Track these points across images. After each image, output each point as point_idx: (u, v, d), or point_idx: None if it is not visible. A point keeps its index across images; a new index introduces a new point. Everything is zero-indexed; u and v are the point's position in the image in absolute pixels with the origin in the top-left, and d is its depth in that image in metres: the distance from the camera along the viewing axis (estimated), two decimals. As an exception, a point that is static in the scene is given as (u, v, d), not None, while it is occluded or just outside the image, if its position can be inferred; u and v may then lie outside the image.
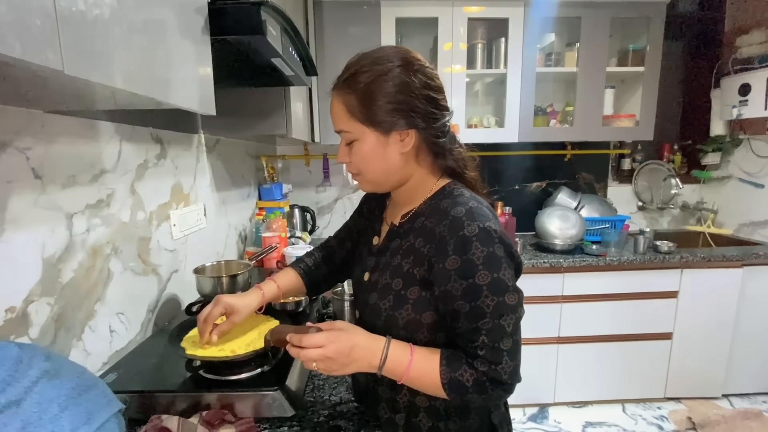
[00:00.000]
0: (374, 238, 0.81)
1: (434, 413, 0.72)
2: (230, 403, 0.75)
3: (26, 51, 0.33)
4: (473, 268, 0.61)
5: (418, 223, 0.71)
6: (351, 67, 0.68)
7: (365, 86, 0.65)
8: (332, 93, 0.70)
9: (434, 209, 0.69)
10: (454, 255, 0.62)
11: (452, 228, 0.63)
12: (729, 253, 2.05)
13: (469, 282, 0.61)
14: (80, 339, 0.81)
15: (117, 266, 0.93)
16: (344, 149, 0.72)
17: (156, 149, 1.11)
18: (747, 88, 2.19)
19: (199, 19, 0.68)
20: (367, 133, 0.67)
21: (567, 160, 2.56)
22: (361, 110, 0.66)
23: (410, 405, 0.73)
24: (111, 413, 0.43)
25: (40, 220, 0.72)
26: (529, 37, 2.08)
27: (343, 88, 0.68)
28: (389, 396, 0.74)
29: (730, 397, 2.21)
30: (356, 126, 0.67)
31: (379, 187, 0.75)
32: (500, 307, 0.61)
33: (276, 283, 0.87)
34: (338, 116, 0.69)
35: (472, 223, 0.62)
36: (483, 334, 0.61)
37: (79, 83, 0.45)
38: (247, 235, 1.89)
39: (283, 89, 1.39)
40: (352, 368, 0.65)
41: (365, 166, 0.70)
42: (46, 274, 0.73)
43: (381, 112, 0.65)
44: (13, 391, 0.36)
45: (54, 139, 0.75)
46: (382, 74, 0.65)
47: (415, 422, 0.72)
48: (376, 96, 0.65)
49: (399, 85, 0.65)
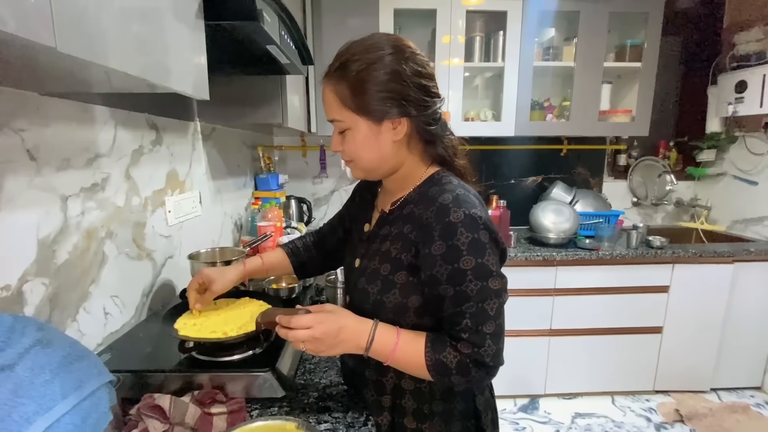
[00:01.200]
0: (365, 225, 0.82)
1: (419, 395, 0.74)
2: (222, 384, 0.77)
3: (20, 26, 0.34)
4: (458, 254, 0.62)
5: (407, 210, 0.72)
6: (342, 56, 0.67)
7: (356, 75, 0.65)
8: (324, 82, 0.70)
9: (422, 196, 0.71)
10: (440, 240, 0.63)
11: (439, 214, 0.64)
12: (720, 249, 2.08)
13: (454, 267, 0.63)
14: (74, 320, 0.82)
15: (112, 250, 0.94)
16: (337, 138, 0.72)
17: (151, 135, 1.11)
18: (743, 85, 2.21)
19: (193, 3, 0.69)
20: (360, 122, 0.67)
21: (563, 155, 2.57)
22: (353, 99, 0.66)
23: (396, 387, 0.75)
24: (101, 383, 0.44)
25: (35, 201, 0.73)
26: (527, 30, 2.08)
27: (335, 77, 0.67)
28: (376, 378, 0.76)
29: (719, 391, 2.25)
30: (348, 115, 0.67)
31: (371, 174, 0.75)
32: (484, 292, 0.63)
33: (261, 259, 0.92)
34: (330, 105, 0.69)
35: (458, 210, 0.63)
36: (467, 318, 0.63)
37: (71, 62, 0.46)
38: (243, 224, 1.90)
39: (279, 78, 1.40)
40: (339, 349, 0.67)
41: (358, 154, 0.71)
42: (41, 254, 0.74)
43: (373, 100, 0.65)
44: (6, 356, 0.37)
45: (49, 122, 0.76)
46: (374, 62, 0.65)
47: (401, 404, 0.75)
48: (367, 85, 0.65)
49: (391, 74, 0.65)
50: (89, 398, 0.40)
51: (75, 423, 0.38)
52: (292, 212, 2.27)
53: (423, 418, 0.74)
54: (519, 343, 2.10)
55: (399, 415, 0.75)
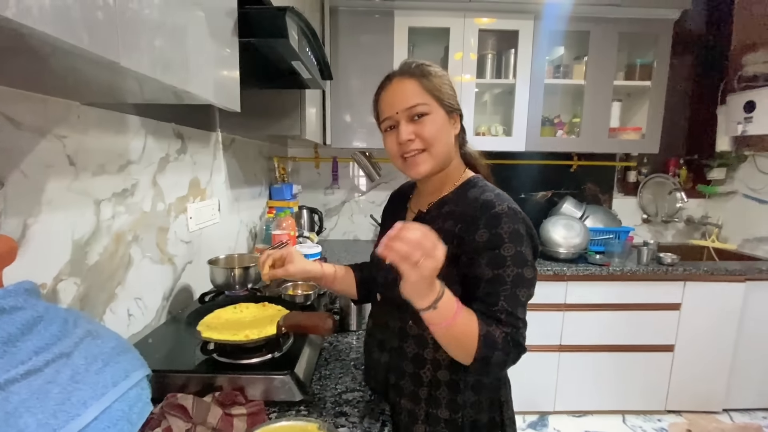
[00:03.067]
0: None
1: (454, 387, 0.78)
2: (242, 386, 0.79)
3: (92, 43, 0.38)
4: (500, 240, 0.69)
5: (446, 209, 0.79)
6: (417, 62, 0.79)
7: (434, 75, 0.78)
8: (399, 77, 0.78)
9: (461, 197, 0.79)
10: (484, 229, 0.70)
11: (484, 207, 0.72)
12: (732, 267, 2.07)
13: (495, 252, 0.69)
14: (102, 319, 0.85)
15: (137, 253, 0.97)
16: (408, 127, 0.77)
17: (177, 144, 1.16)
18: (752, 105, 2.22)
19: (229, 22, 0.73)
20: (438, 109, 0.77)
21: (573, 170, 2.59)
22: (435, 89, 0.77)
23: (433, 379, 0.79)
24: (144, 374, 0.47)
25: (72, 204, 0.77)
26: (538, 49, 2.13)
27: (417, 72, 0.77)
28: (413, 371, 0.80)
29: (731, 412, 2.21)
30: (430, 100, 0.77)
31: (438, 164, 0.79)
32: (518, 279, 0.68)
33: (334, 267, 0.95)
34: (413, 92, 0.76)
35: (501, 204, 0.72)
36: (502, 300, 0.68)
37: (125, 75, 0.49)
38: (257, 232, 1.93)
39: (299, 92, 1.45)
40: (426, 283, 0.60)
41: (436, 139, 0.76)
42: (75, 255, 0.77)
43: (445, 95, 0.78)
44: (63, 345, 0.40)
45: (88, 130, 0.80)
46: (438, 70, 0.79)
47: (436, 395, 0.79)
48: (442, 83, 0.78)
49: (448, 79, 0.80)
50: (135, 388, 0.42)
51: (123, 410, 0.40)
52: (304, 222, 2.30)
53: (456, 408, 0.78)
54: (529, 358, 2.06)
55: (434, 406, 0.79)
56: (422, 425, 0.79)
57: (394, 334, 0.82)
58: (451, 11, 2.08)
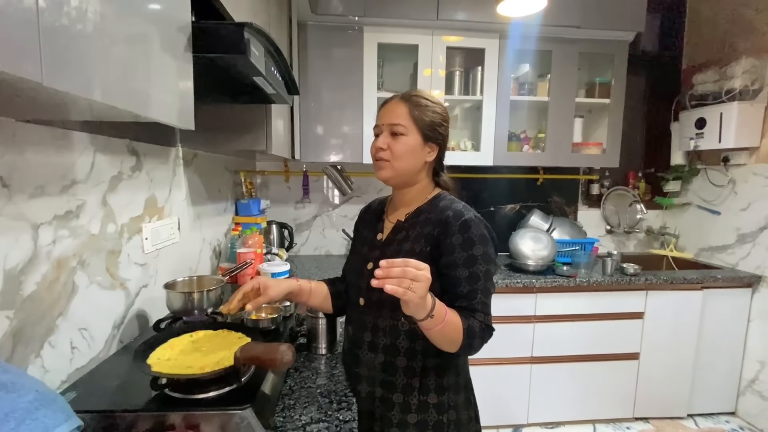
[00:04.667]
0: (378, 235, 0.99)
1: (440, 371, 0.91)
2: (196, 424, 0.73)
3: (5, 62, 0.34)
4: (472, 243, 0.85)
5: (422, 217, 0.93)
6: (416, 92, 0.94)
7: (425, 106, 0.92)
8: (396, 99, 0.93)
9: (434, 207, 0.93)
10: (458, 233, 0.86)
11: (455, 215, 0.87)
12: (690, 276, 2.16)
13: (469, 253, 0.85)
14: (38, 355, 0.78)
15: (83, 279, 0.90)
16: (386, 139, 0.92)
17: (131, 161, 1.10)
18: (703, 122, 2.36)
19: (182, 37, 0.69)
20: (415, 134, 0.91)
21: (539, 184, 2.66)
22: (418, 117, 0.91)
23: (424, 368, 0.90)
24: (70, 428, 0.41)
25: (4, 230, 0.70)
26: (504, 66, 2.19)
27: (409, 99, 0.92)
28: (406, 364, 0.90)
29: (696, 417, 2.28)
30: (411, 125, 0.91)
31: (397, 177, 0.93)
32: (488, 274, 0.86)
33: (309, 282, 1.01)
34: (399, 113, 0.91)
35: (468, 213, 0.88)
36: (479, 293, 0.84)
37: (56, 95, 0.45)
38: (222, 250, 1.85)
39: (265, 106, 1.41)
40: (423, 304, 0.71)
41: (402, 156, 0.91)
42: (7, 286, 0.70)
43: (427, 125, 0.91)
44: (-33, 404, 0.34)
45: (25, 149, 0.74)
46: (434, 107, 0.94)
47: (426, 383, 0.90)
48: (428, 115, 0.92)
49: (440, 115, 0.94)
50: (55, 447, 0.37)
51: (39, 476, 0.35)
52: (273, 238, 2.24)
53: (442, 390, 0.91)
54: (501, 371, 2.10)
55: (425, 393, 0.90)
56: (414, 414, 0.89)
57: (386, 332, 0.92)
58: (419, 29, 2.11)
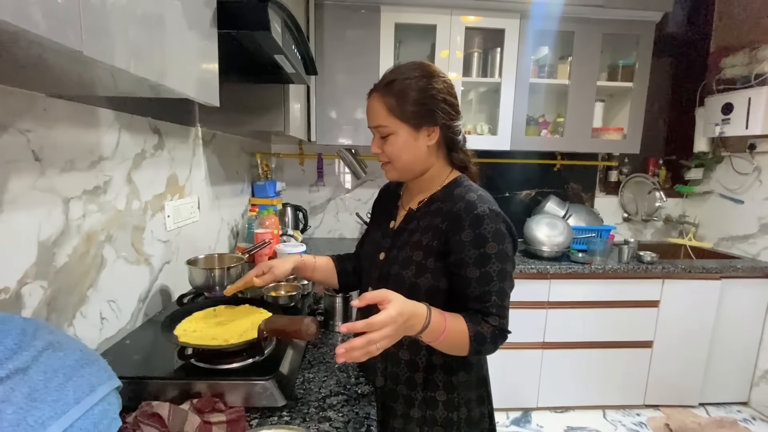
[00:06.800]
0: (390, 223, 0.92)
1: (448, 369, 0.84)
2: (221, 392, 0.76)
3: (50, 29, 0.35)
4: (484, 240, 0.75)
5: (434, 206, 0.84)
6: (389, 76, 0.81)
7: (402, 90, 0.79)
8: (372, 95, 0.83)
9: (448, 195, 0.83)
10: (469, 229, 0.76)
11: (467, 208, 0.77)
12: (708, 265, 2.12)
13: (480, 251, 0.75)
14: (71, 324, 0.81)
15: (110, 254, 0.93)
16: (378, 142, 0.84)
17: (154, 140, 1.11)
18: (729, 108, 2.28)
19: (208, 12, 0.70)
20: (402, 128, 0.80)
21: (556, 169, 2.62)
22: (398, 108, 0.79)
23: (428, 364, 0.84)
24: (111, 388, 0.44)
25: (37, 203, 0.72)
26: (524, 48, 2.14)
27: (383, 91, 0.80)
28: (409, 358, 0.85)
29: (707, 406, 2.28)
30: (393, 122, 0.80)
31: (404, 175, 0.86)
32: (503, 273, 0.76)
33: (314, 258, 0.98)
34: (377, 113, 0.81)
35: (483, 205, 0.77)
36: (493, 295, 0.75)
37: (91, 65, 0.46)
38: (239, 231, 1.89)
39: (283, 87, 1.41)
40: (402, 331, 0.65)
41: (397, 156, 0.82)
42: (41, 256, 0.73)
43: (414, 111, 0.79)
44: (20, 359, 0.36)
45: (55, 124, 0.76)
46: (415, 80, 0.79)
47: (432, 378, 0.84)
48: (410, 97, 0.79)
49: (427, 90, 0.79)
50: (100, 403, 0.39)
51: (87, 428, 0.37)
52: (288, 220, 2.26)
53: (452, 388, 0.84)
54: (512, 355, 2.11)
55: (431, 389, 0.84)
56: (418, 409, 0.85)
57: None
58: (437, 8, 2.06)
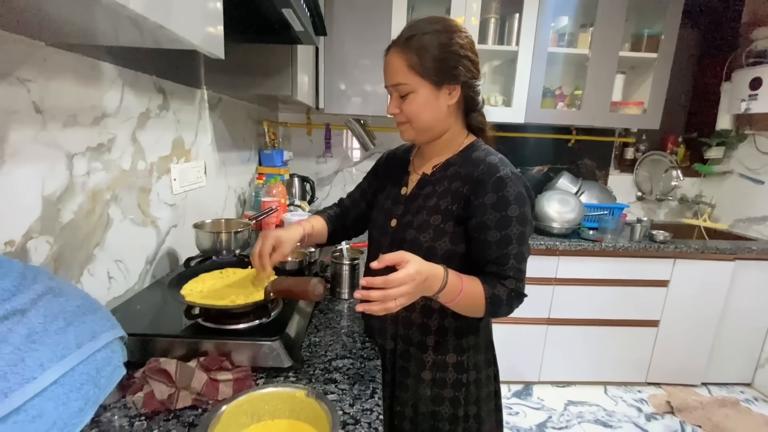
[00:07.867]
0: (402, 189, 0.90)
1: (459, 332, 0.85)
2: (228, 352, 0.76)
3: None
4: (507, 203, 0.74)
5: (451, 170, 0.82)
6: (408, 31, 0.77)
7: (423, 46, 0.75)
8: (390, 52, 0.78)
9: (466, 159, 0.82)
10: (492, 192, 0.75)
11: (489, 171, 0.76)
12: (722, 246, 2.08)
13: (502, 214, 0.74)
14: (79, 281, 0.81)
15: (117, 213, 0.92)
16: (396, 101, 0.80)
17: (158, 99, 1.08)
18: (758, 83, 2.17)
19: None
20: (422, 86, 0.77)
21: (570, 145, 2.55)
22: (420, 65, 0.75)
23: (440, 327, 0.85)
24: (115, 336, 0.43)
25: (40, 157, 0.70)
26: (543, 15, 2.03)
27: (404, 46, 0.76)
28: (421, 321, 0.86)
29: (709, 386, 2.29)
30: (413, 79, 0.76)
31: (422, 135, 0.83)
32: (522, 236, 0.76)
33: (311, 223, 0.96)
34: (397, 70, 0.77)
35: (505, 168, 0.77)
36: (512, 258, 0.75)
37: (93, 3, 0.43)
38: (246, 199, 1.87)
39: (290, 49, 1.36)
40: (420, 290, 0.67)
41: (417, 115, 0.79)
42: (46, 212, 0.72)
43: (435, 67, 0.76)
44: (18, 301, 0.35)
45: (55, 75, 0.73)
46: (437, 36, 0.75)
47: (443, 342, 0.85)
48: (432, 54, 0.75)
49: (450, 46, 0.76)
50: (104, 350, 0.39)
51: (89, 373, 0.36)
52: (295, 190, 2.24)
53: (462, 351, 0.86)
54: (517, 330, 2.12)
55: (441, 352, 0.85)
56: (429, 372, 0.86)
57: None
58: (454, -31, 1.96)
